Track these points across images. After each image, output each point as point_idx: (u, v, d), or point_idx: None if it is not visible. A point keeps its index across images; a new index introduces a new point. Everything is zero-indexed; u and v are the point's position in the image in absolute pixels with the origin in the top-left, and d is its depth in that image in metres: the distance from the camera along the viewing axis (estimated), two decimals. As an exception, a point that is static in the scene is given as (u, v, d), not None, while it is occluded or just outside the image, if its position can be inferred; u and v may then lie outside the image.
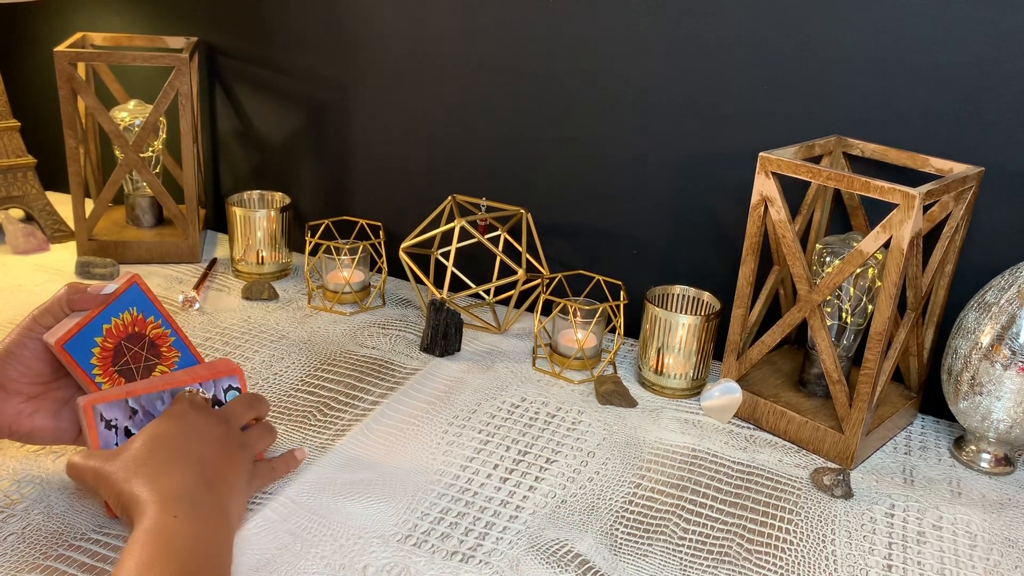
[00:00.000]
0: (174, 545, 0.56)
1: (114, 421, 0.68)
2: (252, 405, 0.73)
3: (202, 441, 0.66)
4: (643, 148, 1.00)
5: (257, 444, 0.71)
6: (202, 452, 0.65)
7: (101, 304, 0.69)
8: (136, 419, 0.69)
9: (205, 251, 1.22)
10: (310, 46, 1.15)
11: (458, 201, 1.06)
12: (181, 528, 0.57)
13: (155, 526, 0.57)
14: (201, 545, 0.57)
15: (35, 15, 1.33)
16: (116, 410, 0.68)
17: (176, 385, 0.71)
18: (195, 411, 0.68)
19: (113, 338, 0.70)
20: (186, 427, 0.66)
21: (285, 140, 1.22)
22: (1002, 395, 0.77)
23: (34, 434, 0.69)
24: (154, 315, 0.73)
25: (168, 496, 0.60)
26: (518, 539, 0.69)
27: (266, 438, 0.73)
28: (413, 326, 1.04)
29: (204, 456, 0.65)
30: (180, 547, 0.56)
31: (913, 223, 0.72)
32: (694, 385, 0.92)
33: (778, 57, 0.90)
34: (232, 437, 0.68)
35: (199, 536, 0.58)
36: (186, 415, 0.68)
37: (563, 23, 0.99)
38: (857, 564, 0.69)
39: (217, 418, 0.69)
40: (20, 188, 1.21)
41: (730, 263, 0.97)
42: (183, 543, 0.56)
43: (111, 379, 0.70)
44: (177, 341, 0.74)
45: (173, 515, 0.58)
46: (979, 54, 0.82)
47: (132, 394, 0.69)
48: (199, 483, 0.62)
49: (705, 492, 0.76)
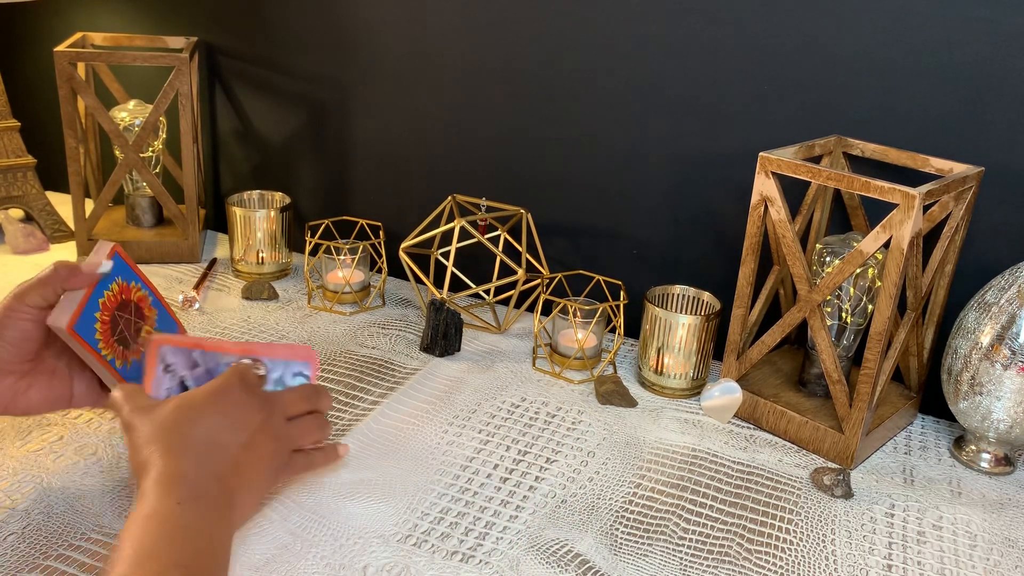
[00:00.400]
0: (173, 535, 0.55)
1: (173, 366, 0.69)
2: (308, 398, 0.70)
3: (233, 427, 0.63)
4: (643, 148, 1.00)
5: (301, 437, 0.69)
6: (227, 439, 0.63)
7: (95, 281, 0.69)
8: (196, 372, 0.69)
9: (205, 251, 1.22)
10: (310, 46, 1.15)
11: (458, 201, 1.06)
12: (183, 517, 0.56)
13: (157, 511, 0.56)
14: (201, 539, 0.56)
15: (35, 15, 1.33)
16: (180, 357, 0.69)
17: (246, 353, 0.70)
18: (241, 390, 0.66)
19: (108, 310, 0.70)
20: (222, 407, 0.64)
21: (285, 140, 1.22)
22: (1002, 395, 0.77)
23: (31, 409, 0.69)
24: (134, 279, 0.74)
25: (175, 477, 0.58)
26: (518, 539, 0.69)
27: (313, 433, 0.70)
28: (413, 326, 1.04)
29: (227, 443, 0.62)
30: (178, 537, 0.55)
31: (913, 223, 0.72)
32: (694, 385, 0.92)
33: (778, 57, 0.90)
34: (269, 426, 0.66)
35: (200, 530, 0.57)
36: (229, 392, 0.65)
37: (563, 23, 0.99)
38: (857, 564, 0.69)
39: (261, 402, 0.66)
40: (20, 188, 1.21)
41: (730, 263, 0.97)
42: (182, 534, 0.55)
43: (113, 350, 0.70)
44: (154, 300, 0.76)
45: (176, 501, 0.57)
46: (979, 54, 0.82)
47: (200, 347, 0.70)
48: (210, 472, 0.60)
49: (705, 492, 0.76)
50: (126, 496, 0.70)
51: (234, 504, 0.61)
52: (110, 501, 0.70)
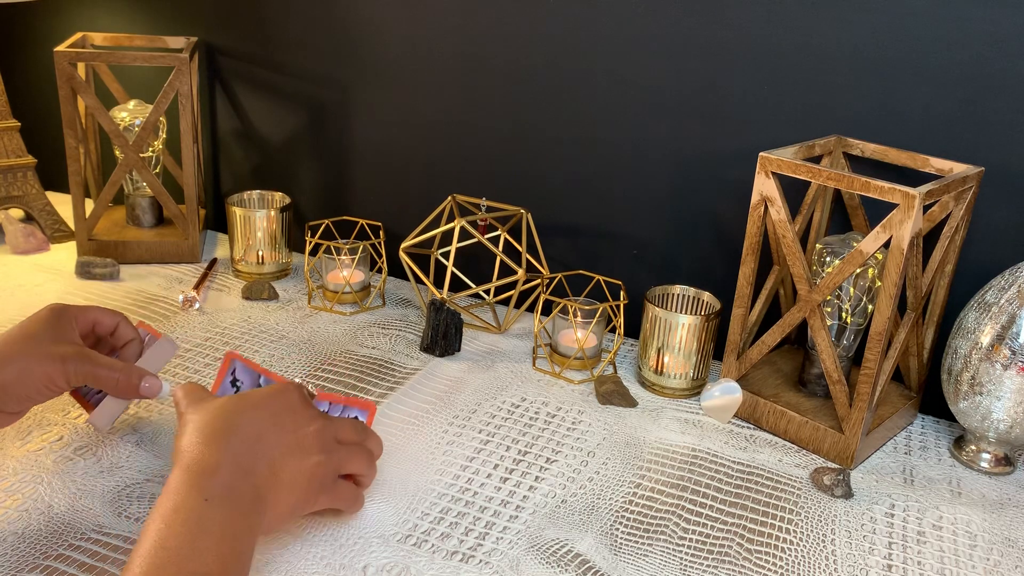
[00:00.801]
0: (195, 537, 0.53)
1: (240, 382, 0.71)
2: (361, 431, 0.68)
3: (281, 427, 0.62)
4: (643, 148, 1.00)
5: (348, 461, 0.66)
6: (272, 438, 0.61)
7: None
8: None
9: (205, 251, 1.22)
10: (310, 46, 1.15)
11: (458, 201, 1.06)
12: (209, 517, 0.54)
13: (183, 506, 0.54)
14: (225, 544, 0.54)
15: (35, 15, 1.33)
16: (248, 376, 0.71)
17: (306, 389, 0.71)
18: (299, 398, 0.65)
19: None
20: (275, 406, 0.63)
21: (285, 140, 1.22)
22: (1002, 395, 0.77)
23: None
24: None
25: (207, 469, 0.57)
26: (518, 539, 0.69)
27: (360, 460, 0.67)
28: (413, 326, 1.04)
29: (271, 442, 0.61)
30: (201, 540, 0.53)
31: (913, 223, 0.72)
32: (694, 385, 0.92)
33: (778, 57, 0.90)
34: (319, 438, 0.63)
35: (224, 532, 0.54)
36: (287, 395, 0.64)
37: (563, 23, 0.99)
38: (857, 564, 0.69)
39: (315, 413, 0.65)
40: (20, 188, 1.21)
41: (730, 263, 0.97)
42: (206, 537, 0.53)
43: None
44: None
45: (205, 498, 0.55)
46: (979, 54, 0.82)
47: (267, 375, 0.73)
48: (244, 467, 0.58)
49: (705, 492, 0.76)
50: (126, 496, 0.70)
51: (263, 507, 0.59)
52: (110, 501, 0.69)
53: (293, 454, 0.62)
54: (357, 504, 0.68)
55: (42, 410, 0.81)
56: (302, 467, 0.62)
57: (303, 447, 0.62)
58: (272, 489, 0.60)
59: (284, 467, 0.61)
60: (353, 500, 0.68)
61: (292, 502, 0.62)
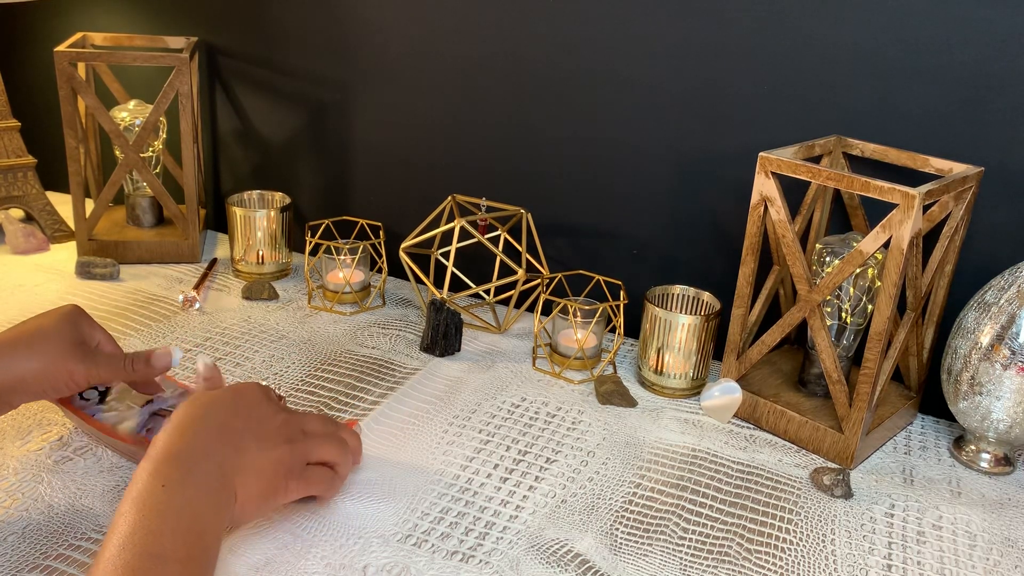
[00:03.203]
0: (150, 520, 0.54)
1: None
2: (331, 424, 0.70)
3: (247, 416, 0.64)
4: (643, 148, 1.00)
5: (315, 449, 0.67)
6: (237, 425, 0.63)
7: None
8: None
9: (205, 251, 1.22)
10: (310, 46, 1.15)
11: (458, 201, 1.06)
12: (167, 501, 0.55)
13: (141, 494, 0.55)
14: (183, 523, 0.55)
15: (35, 15, 1.33)
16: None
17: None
18: (261, 393, 0.67)
19: None
20: (240, 398, 0.65)
21: (285, 140, 1.22)
22: (1002, 395, 0.77)
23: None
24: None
25: (168, 456, 0.58)
26: (518, 539, 0.69)
27: (328, 447, 0.68)
28: (413, 326, 1.04)
29: (236, 429, 0.62)
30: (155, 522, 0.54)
31: (913, 223, 0.72)
32: (694, 385, 0.92)
33: (778, 57, 0.90)
34: (283, 429, 0.65)
35: (183, 514, 0.55)
36: (249, 390, 0.66)
37: (563, 23, 0.99)
38: (857, 564, 0.69)
39: (280, 407, 0.67)
40: (20, 188, 1.21)
41: (730, 263, 0.97)
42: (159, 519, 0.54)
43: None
44: None
45: (161, 484, 0.56)
46: (979, 54, 0.82)
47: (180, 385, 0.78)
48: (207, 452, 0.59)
49: (705, 492, 0.76)
50: (126, 496, 0.70)
51: (229, 490, 0.60)
52: (110, 501, 0.70)
53: (258, 440, 0.63)
54: (333, 489, 0.69)
55: (42, 410, 0.81)
56: (269, 455, 0.63)
57: (268, 435, 0.64)
58: (239, 472, 0.61)
59: (248, 450, 0.62)
60: (328, 485, 0.68)
61: (262, 487, 0.63)
